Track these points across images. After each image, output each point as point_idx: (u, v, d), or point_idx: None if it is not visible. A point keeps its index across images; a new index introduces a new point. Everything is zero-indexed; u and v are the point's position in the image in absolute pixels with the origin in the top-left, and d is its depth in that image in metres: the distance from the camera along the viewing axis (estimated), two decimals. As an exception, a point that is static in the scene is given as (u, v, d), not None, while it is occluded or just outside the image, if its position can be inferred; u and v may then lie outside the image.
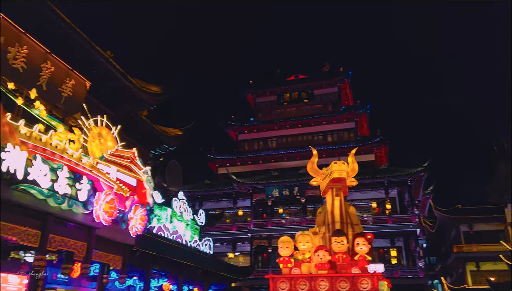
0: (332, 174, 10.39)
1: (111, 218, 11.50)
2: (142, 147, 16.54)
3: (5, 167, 8.30)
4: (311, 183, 11.33)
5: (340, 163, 10.51)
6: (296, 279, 9.23)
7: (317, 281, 9.03)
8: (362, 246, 9.41)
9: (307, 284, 9.08)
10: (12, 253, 11.34)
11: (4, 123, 8.91)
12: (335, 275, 9.06)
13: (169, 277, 18.58)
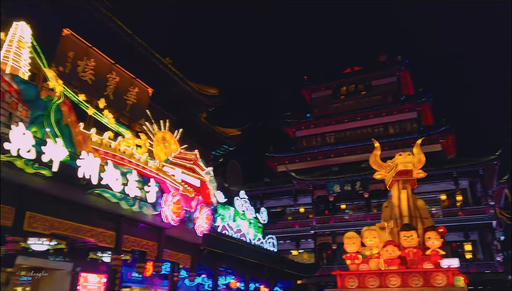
0: (397, 167, 9.99)
1: (178, 218, 11.91)
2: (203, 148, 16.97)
3: (81, 173, 8.85)
4: (375, 176, 10.98)
5: (405, 155, 10.08)
6: (365, 275, 8.98)
7: (387, 277, 8.72)
8: (433, 240, 8.95)
9: (377, 281, 8.79)
10: (91, 254, 12.07)
11: (78, 132, 9.55)
12: (407, 271, 8.70)
13: (235, 274, 18.93)
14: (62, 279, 12.67)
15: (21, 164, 7.70)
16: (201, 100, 19.19)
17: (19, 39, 9.50)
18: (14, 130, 7.53)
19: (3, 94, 8.10)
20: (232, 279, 18.98)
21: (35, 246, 9.91)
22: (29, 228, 8.19)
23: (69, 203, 9.03)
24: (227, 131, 22.91)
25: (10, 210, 7.81)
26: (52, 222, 8.71)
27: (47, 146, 8.14)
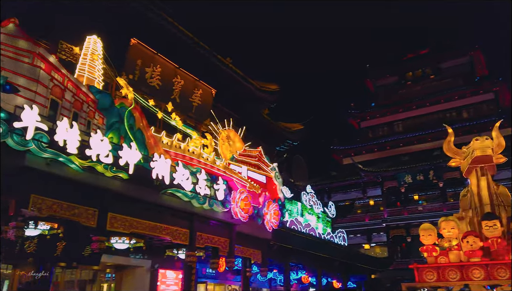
0: (474, 152, 9.35)
1: (247, 214, 12.11)
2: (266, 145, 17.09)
3: (155, 174, 9.30)
4: (450, 164, 10.36)
5: (482, 139, 9.40)
6: (445, 268, 8.52)
7: (469, 270, 8.21)
8: (520, 229, 8.28)
9: (458, 274, 8.31)
10: (167, 251, 12.64)
11: (150, 136, 10.05)
12: (492, 263, 8.12)
13: (307, 269, 18.86)
14: (142, 275, 13.41)
15: (101, 168, 8.26)
16: (263, 97, 19.33)
17: (92, 52, 10.19)
18: (93, 137, 8.08)
19: (81, 105, 8.74)
20: (304, 274, 18.93)
21: (117, 245, 10.59)
22: (111, 228, 8.76)
23: (145, 203, 9.52)
24: (290, 126, 22.87)
25: (93, 212, 8.41)
26: (131, 222, 9.24)
27: (123, 150, 8.65)
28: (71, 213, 7.99)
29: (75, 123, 7.80)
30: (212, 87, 15.65)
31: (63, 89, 8.40)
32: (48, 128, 7.36)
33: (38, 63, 7.93)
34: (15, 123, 6.92)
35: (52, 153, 7.41)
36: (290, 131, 22.87)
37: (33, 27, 8.95)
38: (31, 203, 7.27)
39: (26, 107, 7.08)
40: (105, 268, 13.19)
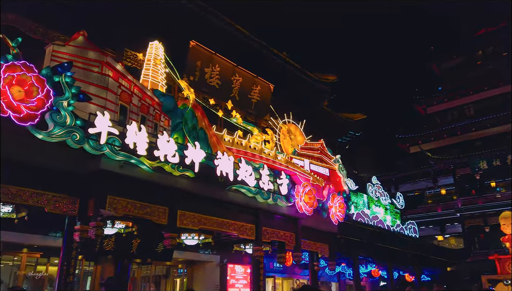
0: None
1: (312, 208, 12.02)
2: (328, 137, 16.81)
3: (219, 172, 9.53)
4: (531, 146, 9.55)
5: None
6: (530, 259, 7.90)
7: (560, 261, 7.55)
8: None
9: (547, 265, 7.67)
10: (235, 246, 12.91)
11: (212, 134, 10.30)
12: None
13: (376, 263, 18.37)
14: (212, 270, 13.87)
15: (169, 168, 8.60)
16: (322, 89, 19.03)
17: (155, 57, 10.64)
18: (160, 139, 8.44)
19: (148, 108, 9.16)
20: (374, 268, 18.45)
21: (187, 241, 11.00)
22: (181, 224, 9.11)
23: (212, 200, 9.78)
24: (351, 117, 22.31)
25: (164, 210, 8.79)
26: (200, 218, 9.54)
27: (188, 150, 8.95)
28: (144, 211, 8.41)
29: (143, 127, 8.19)
30: (270, 83, 15.69)
31: (130, 95, 8.84)
32: (119, 132, 7.79)
33: (106, 72, 8.42)
34: (90, 129, 7.40)
35: (124, 155, 7.83)
36: (352, 121, 22.32)
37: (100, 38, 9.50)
38: (108, 203, 7.75)
39: (98, 114, 7.54)
40: (177, 264, 13.79)
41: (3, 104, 6.44)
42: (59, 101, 7.12)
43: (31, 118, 6.75)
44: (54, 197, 7.47)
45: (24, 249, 10.24)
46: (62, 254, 7.87)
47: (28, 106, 6.68)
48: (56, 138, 7.07)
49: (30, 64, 6.86)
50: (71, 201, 7.70)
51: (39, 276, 10.80)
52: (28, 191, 7.17)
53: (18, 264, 10.39)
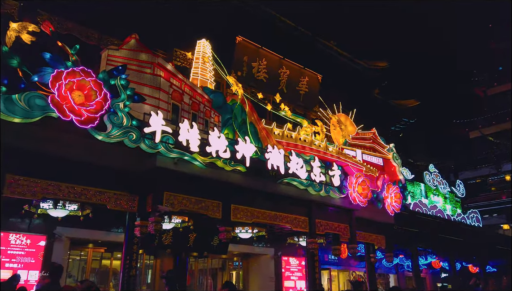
0: None
1: (366, 199, 11.77)
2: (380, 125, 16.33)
3: (270, 165, 9.56)
4: None
5: None
6: None
7: None
8: None
9: None
10: (288, 239, 12.94)
11: (262, 128, 10.35)
12: None
13: (437, 254, 17.70)
14: (267, 263, 13.99)
15: (221, 163, 8.76)
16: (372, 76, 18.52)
17: (203, 55, 10.84)
18: (211, 135, 8.60)
19: (198, 106, 9.37)
20: (434, 259, 17.79)
21: (241, 235, 11.17)
22: (235, 218, 9.25)
23: (264, 193, 9.84)
24: (404, 103, 21.52)
25: (218, 204, 8.97)
26: (253, 212, 9.64)
27: (239, 145, 9.05)
28: (198, 206, 8.63)
29: (194, 124, 8.38)
30: (318, 73, 15.49)
31: (182, 93, 9.08)
32: (172, 130, 8.03)
33: (158, 72, 8.70)
34: (145, 129, 7.69)
35: (178, 152, 8.07)
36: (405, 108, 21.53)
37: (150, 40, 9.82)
38: (165, 199, 8.03)
39: (152, 113, 7.82)
40: (232, 257, 14.06)
41: (65, 109, 6.85)
42: (115, 103, 7.46)
43: (91, 121, 7.12)
44: (115, 194, 7.85)
45: (89, 244, 10.88)
46: (124, 248, 8.26)
47: (88, 110, 7.05)
48: (114, 139, 7.42)
49: (88, 70, 7.23)
50: (131, 198, 8.05)
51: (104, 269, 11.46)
52: (91, 189, 7.59)
53: (85, 259, 11.06)
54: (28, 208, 7.92)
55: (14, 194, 6.72)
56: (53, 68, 6.88)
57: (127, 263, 8.12)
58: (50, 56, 6.92)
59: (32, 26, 8.86)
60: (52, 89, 6.78)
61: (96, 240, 10.66)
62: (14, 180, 6.75)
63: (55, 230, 9.29)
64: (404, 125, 22.60)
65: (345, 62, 16.85)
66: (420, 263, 17.10)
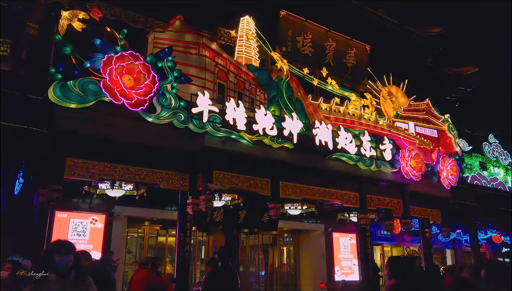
0: None
1: (419, 172, 11.37)
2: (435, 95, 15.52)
3: (318, 141, 9.42)
4: None
5: None
6: None
7: None
8: None
9: None
10: (339, 215, 12.82)
11: (308, 104, 10.19)
12: None
13: (497, 228, 16.88)
14: (317, 239, 13.98)
15: (268, 141, 8.76)
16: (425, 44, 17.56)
17: (247, 32, 10.74)
18: (258, 113, 8.59)
19: (244, 84, 9.35)
20: (495, 233, 16.99)
21: (291, 211, 11.20)
22: (284, 195, 9.28)
23: (312, 170, 9.76)
24: (461, 71, 20.28)
25: (266, 182, 9.03)
26: (301, 189, 9.62)
27: (285, 122, 8.98)
28: (247, 184, 8.73)
29: (240, 102, 8.40)
30: (366, 44, 14.90)
31: (227, 72, 9.10)
32: (219, 110, 8.10)
33: (203, 52, 8.75)
34: (192, 109, 7.82)
35: (225, 131, 8.16)
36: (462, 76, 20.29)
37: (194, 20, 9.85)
38: (214, 178, 8.19)
39: (199, 94, 7.91)
40: (283, 233, 14.17)
41: (117, 93, 7.08)
42: (163, 86, 7.62)
43: (142, 104, 7.32)
44: (167, 174, 8.12)
45: (146, 222, 11.36)
46: (178, 225, 8.57)
47: (137, 93, 7.25)
48: (164, 120, 7.61)
49: (136, 53, 7.40)
50: (182, 177, 8.29)
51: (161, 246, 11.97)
52: (144, 170, 7.88)
53: (142, 236, 11.58)
54: (88, 189, 8.36)
55: (74, 175, 7.12)
56: (103, 53, 7.10)
57: (181, 240, 8.44)
58: (100, 42, 7.14)
59: (82, 13, 9.18)
60: (104, 74, 7.02)
61: (151, 218, 11.10)
62: (74, 163, 7.14)
63: (114, 209, 9.77)
64: (461, 94, 21.36)
65: (395, 30, 16.04)
66: (479, 237, 16.39)
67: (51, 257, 2.86)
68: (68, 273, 2.90)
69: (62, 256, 2.86)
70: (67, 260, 2.89)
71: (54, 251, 2.92)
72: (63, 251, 2.90)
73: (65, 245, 3.04)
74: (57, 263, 2.85)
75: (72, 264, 2.92)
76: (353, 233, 14.56)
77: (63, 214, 9.09)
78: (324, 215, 12.99)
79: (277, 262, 14.34)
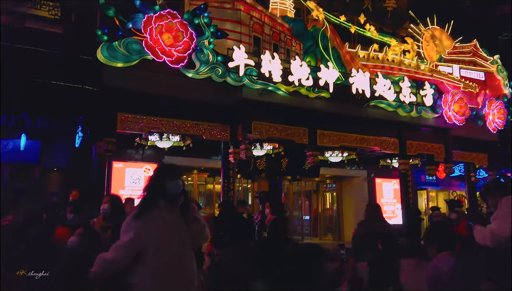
0: None
1: (463, 117, 11.20)
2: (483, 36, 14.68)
3: (355, 89, 9.54)
4: None
5: None
6: None
7: None
8: None
9: None
10: (381, 161, 12.98)
11: (345, 52, 10.20)
12: None
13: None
14: (360, 184, 14.30)
15: (304, 91, 9.02)
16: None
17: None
18: (293, 64, 8.81)
19: (279, 36, 9.52)
20: (546, 177, 16.43)
21: (332, 158, 11.54)
22: (321, 143, 9.62)
23: (350, 118, 9.95)
24: (515, 8, 18.82)
25: (304, 131, 9.38)
26: (339, 136, 9.89)
27: (321, 71, 9.14)
28: (285, 133, 9.13)
29: (276, 54, 8.64)
30: (409, -16, 14.22)
31: (262, 25, 9.29)
32: (255, 62, 8.41)
33: (238, 6, 8.96)
34: (229, 63, 8.19)
35: (262, 83, 8.50)
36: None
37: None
38: (253, 128, 8.65)
39: (235, 48, 8.24)
40: (325, 179, 14.61)
41: (158, 51, 7.57)
42: (201, 42, 8.01)
43: (181, 60, 7.79)
44: (209, 126, 8.68)
45: (194, 170, 12.17)
46: (222, 173, 9.24)
47: (177, 50, 7.70)
48: (203, 75, 8.07)
49: (173, 12, 7.78)
50: (223, 128, 8.83)
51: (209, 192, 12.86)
52: (188, 122, 8.49)
53: (191, 183, 12.45)
54: (140, 141, 9.14)
55: (124, 129, 7.86)
56: (143, 13, 7.55)
57: (225, 186, 9.12)
58: (139, 2, 7.58)
59: (122, -25, 9.55)
60: (145, 34, 7.50)
61: (199, 167, 11.88)
62: (124, 117, 7.86)
63: (164, 159, 10.58)
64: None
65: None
66: (529, 182, 15.95)
67: (162, 181, 2.60)
68: (177, 199, 2.62)
69: (173, 180, 2.60)
70: (178, 185, 2.62)
71: (165, 175, 2.65)
72: (174, 175, 2.64)
73: (175, 168, 2.77)
74: (168, 188, 2.58)
75: (182, 189, 2.66)
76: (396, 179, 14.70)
77: (120, 164, 10.03)
78: (366, 162, 13.21)
79: (320, 207, 14.92)
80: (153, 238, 2.47)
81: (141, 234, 2.46)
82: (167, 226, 2.52)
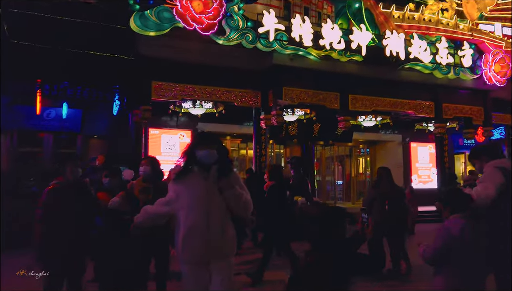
0: None
1: (504, 77, 10.75)
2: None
3: (388, 52, 9.30)
4: None
5: None
6: None
7: None
8: None
9: None
10: (417, 125, 12.71)
11: (379, 13, 9.87)
12: None
13: None
14: (394, 149, 14.12)
15: (336, 55, 8.89)
16: None
17: None
18: (324, 27, 8.66)
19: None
20: None
21: (365, 123, 11.41)
22: (353, 108, 9.55)
23: (383, 81, 9.76)
24: None
25: (335, 96, 9.32)
26: (371, 100, 9.76)
27: (353, 34, 8.95)
28: (317, 98, 9.11)
29: (306, 18, 8.51)
30: None
31: (292, -13, 9.11)
32: (285, 27, 8.34)
33: (267, -31, 8.80)
34: (259, 29, 8.16)
35: (292, 48, 8.46)
36: None
37: None
38: (284, 94, 8.69)
39: (265, 13, 8.18)
40: (358, 144, 14.51)
41: (188, 19, 7.65)
42: (230, 7, 8.00)
43: (212, 27, 7.84)
44: (240, 92, 8.80)
45: (227, 136, 12.40)
46: (254, 139, 9.40)
47: (207, 17, 7.75)
48: (233, 42, 8.11)
49: (202, -22, 7.76)
50: (254, 94, 8.92)
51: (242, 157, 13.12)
52: (220, 89, 8.63)
53: (226, 149, 12.70)
54: (174, 108, 9.40)
55: (159, 96, 8.11)
56: (173, -19, 7.59)
57: (257, 151, 9.31)
58: (169, -30, 7.60)
59: None
60: (175, 1, 7.58)
61: (232, 133, 12.08)
62: (158, 85, 8.09)
63: (197, 126, 10.83)
64: None
65: None
66: None
67: (192, 151, 2.74)
68: (210, 167, 2.69)
69: (202, 150, 2.69)
70: (207, 154, 2.69)
71: (196, 144, 2.78)
72: (203, 145, 2.72)
73: (205, 138, 2.86)
74: (198, 157, 2.69)
75: (215, 158, 2.72)
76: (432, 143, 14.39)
77: (155, 131, 10.38)
78: (401, 126, 12.99)
79: (353, 172, 14.89)
80: (185, 200, 2.69)
81: (177, 195, 2.71)
82: (197, 190, 2.68)
